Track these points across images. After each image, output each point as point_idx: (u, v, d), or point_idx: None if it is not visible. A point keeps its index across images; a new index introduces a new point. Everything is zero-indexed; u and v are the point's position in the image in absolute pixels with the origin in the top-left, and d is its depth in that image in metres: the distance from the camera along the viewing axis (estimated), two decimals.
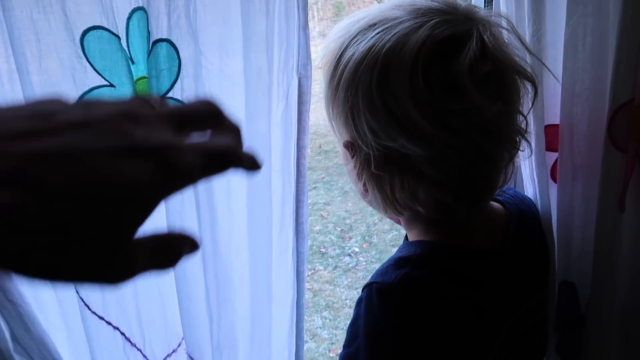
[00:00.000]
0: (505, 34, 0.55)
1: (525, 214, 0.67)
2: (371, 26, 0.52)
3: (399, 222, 0.66)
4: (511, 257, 0.61)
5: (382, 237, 4.88)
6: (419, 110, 0.49)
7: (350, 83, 0.52)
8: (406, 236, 0.66)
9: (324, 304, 3.98)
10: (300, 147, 0.74)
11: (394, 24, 0.51)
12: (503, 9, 0.64)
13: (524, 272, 0.62)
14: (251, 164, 0.31)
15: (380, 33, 0.51)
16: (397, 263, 0.56)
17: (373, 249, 4.70)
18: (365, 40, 0.51)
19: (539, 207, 0.68)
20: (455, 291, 0.55)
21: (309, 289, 4.21)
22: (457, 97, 0.48)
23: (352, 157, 0.57)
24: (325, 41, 0.58)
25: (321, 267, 4.50)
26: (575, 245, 0.68)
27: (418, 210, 0.57)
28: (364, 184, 0.58)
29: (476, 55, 0.48)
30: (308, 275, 4.42)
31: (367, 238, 4.91)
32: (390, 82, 0.49)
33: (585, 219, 0.67)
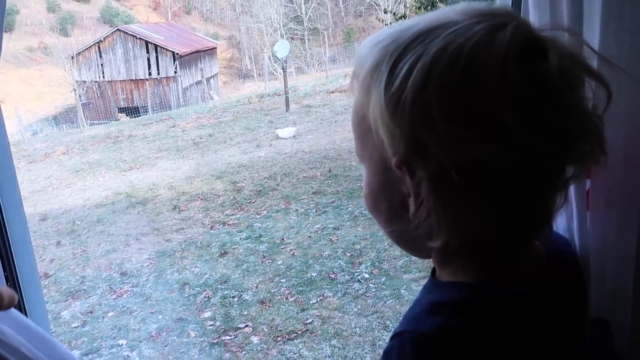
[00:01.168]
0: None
1: (563, 252, 0.60)
2: (432, 30, 0.46)
3: (427, 257, 0.58)
4: (556, 302, 0.54)
5: (393, 263, 4.80)
6: (510, 110, 0.44)
7: (419, 86, 0.45)
8: (433, 272, 0.58)
9: (332, 331, 3.88)
10: None
11: (466, 25, 0.46)
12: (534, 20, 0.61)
13: (567, 318, 0.56)
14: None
15: (452, 34, 0.45)
16: (432, 309, 0.50)
17: (383, 275, 4.61)
18: (435, 42, 0.45)
19: (577, 240, 0.62)
20: (498, 344, 0.48)
21: (317, 315, 4.12)
22: (550, 96, 0.45)
23: (406, 176, 0.49)
24: (359, 54, 0.51)
25: (330, 294, 4.42)
26: (609, 279, 0.63)
27: (463, 243, 0.50)
28: (417, 208, 0.49)
29: (562, 56, 0.45)
30: (317, 302, 4.33)
31: (377, 264, 4.83)
32: (476, 80, 0.44)
33: (622, 250, 0.61)
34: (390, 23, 8.45)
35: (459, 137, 0.44)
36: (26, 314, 1.00)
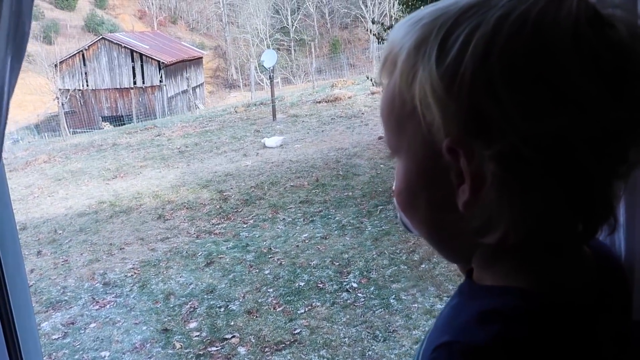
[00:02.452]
0: None
1: (606, 252, 0.55)
2: (486, 1, 0.43)
3: (465, 259, 0.51)
4: (608, 309, 0.50)
5: (382, 272, 4.76)
6: (587, 73, 0.39)
7: (480, 56, 0.41)
8: (469, 273, 0.51)
9: (321, 342, 3.82)
10: None
11: None
12: None
13: (618, 325, 0.52)
14: None
15: (512, 2, 0.42)
16: (483, 317, 0.44)
17: (372, 284, 4.57)
18: (493, 10, 0.42)
19: (623, 241, 0.57)
20: (557, 355, 0.43)
21: (305, 325, 4.06)
22: (628, 62, 0.41)
23: (459, 160, 0.43)
24: (395, 37, 0.47)
25: (318, 304, 4.36)
26: None
27: (523, 237, 0.44)
28: (474, 197, 0.43)
29: (629, 25, 0.42)
30: (305, 312, 4.27)
31: (365, 273, 4.79)
32: (547, 44, 0.40)
33: None
34: (378, 34, 8.50)
35: (531, 108, 0.40)
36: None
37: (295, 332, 3.98)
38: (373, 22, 9.96)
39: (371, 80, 10.52)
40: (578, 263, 0.48)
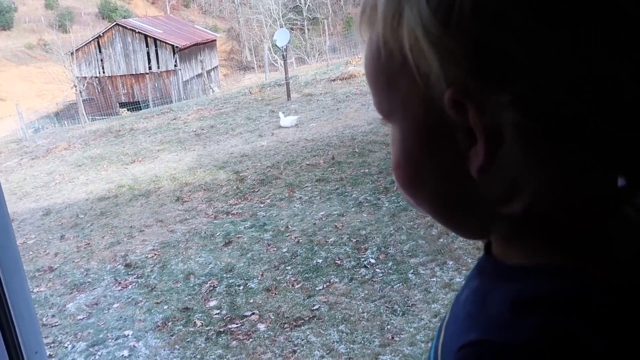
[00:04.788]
0: None
1: None
2: None
3: (484, 234, 0.42)
4: None
5: (399, 247, 4.74)
6: None
7: None
8: (487, 247, 0.42)
9: (340, 317, 3.83)
10: None
11: None
12: None
13: None
14: None
15: None
16: (517, 307, 0.35)
17: (390, 260, 4.56)
18: None
19: None
20: (618, 349, 0.33)
21: (324, 302, 4.07)
22: None
23: (467, 114, 0.35)
24: None
25: (336, 280, 4.37)
26: None
27: (553, 206, 0.36)
28: (489, 157, 0.35)
29: None
30: (323, 288, 4.28)
31: (383, 249, 4.77)
32: None
33: None
34: None
35: (555, 35, 0.31)
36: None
37: (314, 308, 4.00)
38: None
39: None
40: (629, 232, 0.38)
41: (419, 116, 0.38)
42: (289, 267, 4.71)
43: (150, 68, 26.95)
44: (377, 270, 4.44)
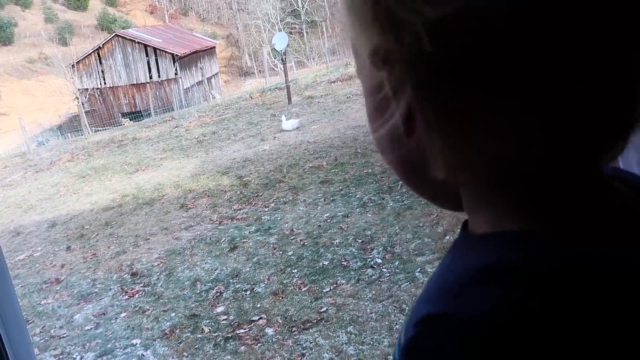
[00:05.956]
0: None
1: None
2: None
3: (454, 205, 0.39)
4: None
5: (405, 246, 4.71)
6: None
7: None
8: (465, 224, 0.39)
9: (348, 318, 3.80)
10: None
11: None
12: None
13: None
14: None
15: None
16: (477, 278, 0.32)
17: (396, 259, 4.52)
18: None
19: None
20: (590, 328, 0.29)
21: (331, 303, 4.05)
22: None
23: (384, 65, 0.34)
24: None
25: (343, 281, 4.34)
26: None
27: (501, 170, 0.33)
28: (405, 121, 0.34)
29: None
30: (330, 290, 4.25)
31: (389, 248, 4.74)
32: None
33: None
34: None
35: None
36: None
37: (322, 310, 3.97)
38: None
39: None
40: (601, 203, 0.34)
41: (368, 77, 0.36)
42: (295, 270, 4.69)
43: (150, 77, 27.04)
44: (384, 270, 4.41)
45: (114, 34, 28.80)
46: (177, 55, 26.88)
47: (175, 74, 26.98)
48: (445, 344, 0.30)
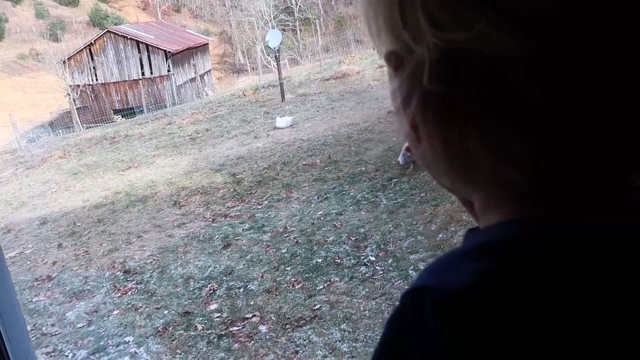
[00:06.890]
0: None
1: None
2: None
3: (470, 207, 0.39)
4: None
5: (399, 244, 4.72)
6: None
7: None
8: (470, 231, 0.39)
9: (341, 316, 3.81)
10: None
11: None
12: None
13: None
14: None
15: None
16: (469, 254, 0.33)
17: (390, 257, 4.54)
18: None
19: None
20: (584, 306, 0.29)
21: (325, 301, 4.05)
22: None
23: (396, 72, 0.35)
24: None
25: (337, 279, 4.35)
26: None
27: (507, 182, 0.33)
28: (412, 119, 0.35)
29: None
30: (324, 288, 4.26)
31: (382, 246, 4.76)
32: None
33: None
34: None
35: (447, 14, 0.30)
36: None
37: (315, 307, 3.98)
38: None
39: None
40: (614, 195, 0.33)
41: (385, 58, 0.37)
42: (289, 268, 4.69)
43: (143, 74, 26.87)
44: (377, 267, 4.42)
45: (106, 30, 28.58)
46: (169, 52, 26.73)
47: (168, 70, 26.83)
48: (422, 313, 0.31)
